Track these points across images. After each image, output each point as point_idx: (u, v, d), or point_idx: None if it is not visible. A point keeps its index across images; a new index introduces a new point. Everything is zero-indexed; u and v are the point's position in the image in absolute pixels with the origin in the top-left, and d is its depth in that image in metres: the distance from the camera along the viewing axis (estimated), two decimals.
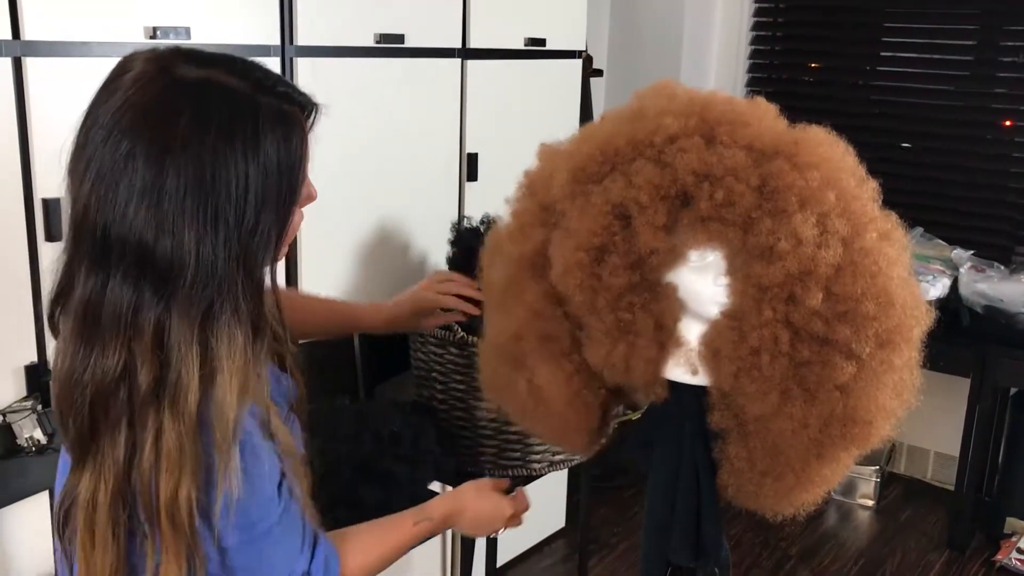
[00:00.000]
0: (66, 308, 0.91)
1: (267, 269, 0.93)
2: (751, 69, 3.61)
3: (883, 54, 3.40)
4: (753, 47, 3.59)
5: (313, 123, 0.96)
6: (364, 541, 1.18)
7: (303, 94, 0.94)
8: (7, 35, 1.54)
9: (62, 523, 0.94)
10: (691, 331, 1.20)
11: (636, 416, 1.41)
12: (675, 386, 1.25)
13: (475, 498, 1.36)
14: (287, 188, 0.90)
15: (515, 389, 1.31)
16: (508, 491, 1.45)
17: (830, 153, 1.15)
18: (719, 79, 3.52)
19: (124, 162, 0.84)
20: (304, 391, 1.12)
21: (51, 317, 0.93)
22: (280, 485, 0.99)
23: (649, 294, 1.18)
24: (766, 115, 1.20)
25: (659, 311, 1.18)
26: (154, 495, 0.88)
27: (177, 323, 0.86)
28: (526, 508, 1.44)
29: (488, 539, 2.17)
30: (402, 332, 1.57)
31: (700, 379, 1.21)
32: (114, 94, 0.86)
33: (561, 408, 1.29)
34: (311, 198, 0.99)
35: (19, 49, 1.55)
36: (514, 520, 1.42)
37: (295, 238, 1.99)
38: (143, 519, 0.90)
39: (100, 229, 0.85)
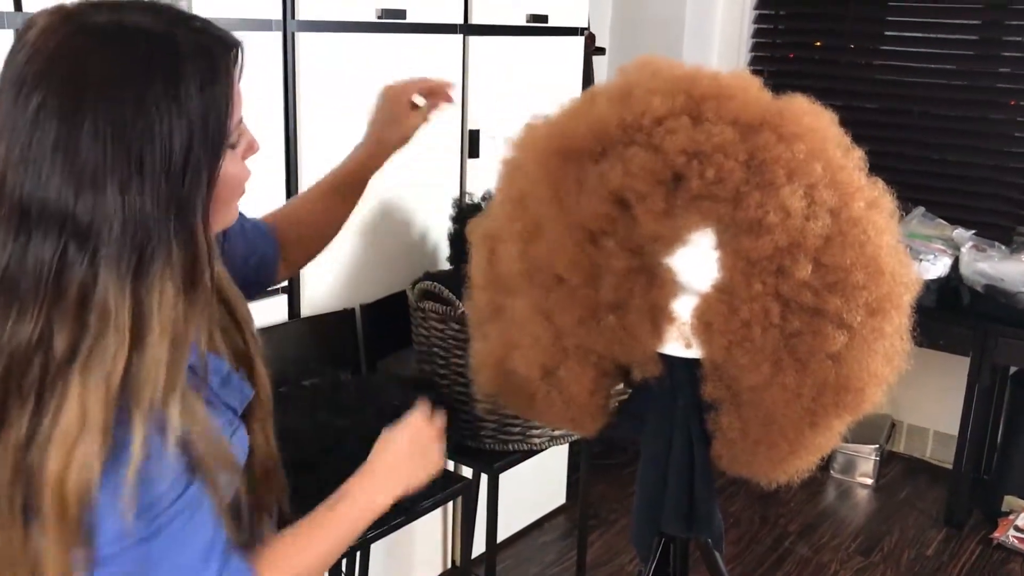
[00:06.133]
0: None
1: (200, 218, 0.85)
2: (754, 48, 3.59)
3: (887, 33, 3.39)
4: (756, 26, 3.58)
5: (239, 62, 0.89)
6: (283, 550, 1.02)
7: (222, 30, 0.88)
8: (9, 8, 1.55)
9: None
10: (684, 305, 1.22)
11: None
12: (668, 360, 1.26)
13: (380, 450, 1.17)
14: (215, 125, 0.84)
15: (531, 385, 1.31)
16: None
17: (815, 123, 1.15)
18: (722, 58, 3.51)
19: (35, 116, 0.79)
20: (268, 396, 1.02)
21: None
22: (189, 478, 0.87)
23: (646, 278, 1.19)
24: (750, 87, 1.20)
25: (656, 294, 1.19)
26: (41, 474, 0.80)
27: (105, 280, 0.80)
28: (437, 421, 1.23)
29: (489, 515, 2.18)
30: (396, 147, 1.43)
31: (693, 352, 1.22)
32: (20, 51, 0.81)
33: (585, 399, 1.30)
34: (253, 149, 0.94)
35: (19, 22, 1.56)
36: (436, 439, 1.21)
37: None
38: (30, 502, 0.81)
39: (17, 190, 0.80)
